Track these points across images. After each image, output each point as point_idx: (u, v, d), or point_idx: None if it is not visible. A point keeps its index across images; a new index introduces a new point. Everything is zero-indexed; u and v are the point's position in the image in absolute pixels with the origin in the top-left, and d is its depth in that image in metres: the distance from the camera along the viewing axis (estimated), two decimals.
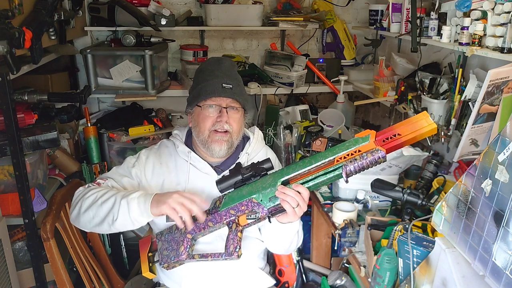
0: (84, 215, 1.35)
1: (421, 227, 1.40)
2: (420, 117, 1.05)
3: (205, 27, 2.69)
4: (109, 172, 1.54)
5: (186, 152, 1.53)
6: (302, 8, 2.82)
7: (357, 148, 1.08)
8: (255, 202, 1.20)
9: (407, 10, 2.14)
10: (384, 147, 1.06)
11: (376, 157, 1.05)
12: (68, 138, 2.34)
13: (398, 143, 1.06)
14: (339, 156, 1.09)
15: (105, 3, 2.46)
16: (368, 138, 1.07)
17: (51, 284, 1.85)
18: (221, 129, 1.46)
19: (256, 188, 1.21)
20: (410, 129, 1.05)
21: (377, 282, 1.32)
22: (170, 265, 1.30)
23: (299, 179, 1.17)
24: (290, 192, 1.15)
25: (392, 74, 2.37)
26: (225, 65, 1.55)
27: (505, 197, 0.91)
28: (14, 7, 1.58)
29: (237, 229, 1.24)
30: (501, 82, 1.48)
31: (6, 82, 1.51)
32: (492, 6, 1.56)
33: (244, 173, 1.26)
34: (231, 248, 1.23)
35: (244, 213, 1.22)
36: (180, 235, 1.30)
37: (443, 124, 1.89)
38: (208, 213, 1.28)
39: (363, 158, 1.06)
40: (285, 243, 1.48)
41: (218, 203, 1.29)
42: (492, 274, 0.95)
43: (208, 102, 1.46)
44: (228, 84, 1.45)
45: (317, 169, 1.13)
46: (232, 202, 1.24)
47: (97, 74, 2.38)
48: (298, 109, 2.70)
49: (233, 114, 1.48)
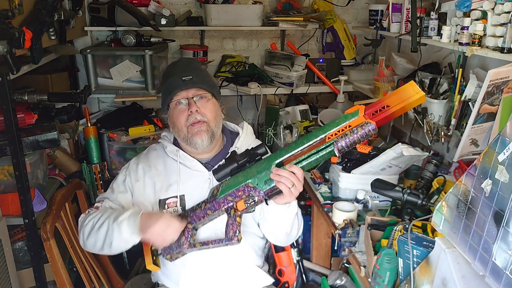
0: (88, 241, 1.40)
1: (421, 227, 1.39)
2: (407, 87, 1.06)
3: (205, 27, 2.69)
4: (106, 192, 1.57)
5: (175, 151, 1.54)
6: (302, 8, 2.82)
7: (347, 124, 1.10)
8: (251, 187, 1.23)
9: (407, 10, 2.14)
10: (374, 120, 1.07)
11: (367, 130, 1.07)
12: (68, 138, 2.34)
13: (388, 115, 1.07)
14: (330, 133, 1.12)
15: (105, 3, 2.46)
16: (358, 113, 1.09)
17: (51, 284, 1.85)
18: (195, 120, 1.46)
19: (252, 173, 1.24)
20: (398, 99, 1.06)
21: (377, 282, 1.32)
22: (173, 256, 1.32)
23: (292, 160, 1.19)
24: (284, 173, 1.18)
25: (392, 74, 2.36)
26: (182, 62, 1.60)
27: (505, 197, 0.91)
28: (14, 7, 1.59)
29: (236, 214, 1.26)
30: (501, 82, 1.48)
31: (6, 82, 1.51)
32: (492, 6, 1.56)
33: (239, 160, 1.29)
34: (230, 233, 1.25)
35: (241, 198, 1.25)
36: None
37: (443, 124, 1.89)
38: (206, 202, 1.31)
39: (354, 132, 1.08)
40: (286, 227, 1.45)
41: (215, 191, 1.31)
42: (492, 274, 0.95)
43: (175, 99, 1.49)
44: (187, 76, 1.48)
45: (310, 148, 1.16)
46: (229, 189, 1.27)
47: (97, 74, 2.38)
48: (298, 109, 2.70)
49: (203, 103, 1.49)
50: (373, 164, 1.76)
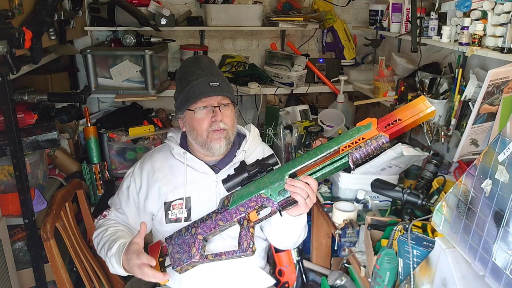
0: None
1: (421, 227, 1.39)
2: (418, 102, 1.10)
3: (205, 27, 2.69)
4: (113, 197, 1.62)
5: (181, 154, 1.52)
6: (302, 8, 2.82)
7: (361, 136, 1.10)
8: (265, 197, 1.20)
9: (407, 10, 2.14)
10: (387, 133, 1.08)
11: (380, 142, 1.08)
12: (68, 138, 2.34)
13: (400, 128, 1.09)
14: (344, 145, 1.12)
15: (105, 3, 2.46)
16: (370, 125, 1.10)
17: (51, 284, 1.85)
18: (218, 128, 1.45)
19: (264, 184, 1.22)
20: (410, 113, 1.09)
21: (377, 282, 1.32)
22: (183, 268, 1.29)
23: (305, 171, 1.18)
24: (300, 184, 1.16)
25: (392, 74, 2.37)
26: (204, 63, 1.53)
27: (505, 197, 0.91)
28: (14, 7, 1.58)
29: (249, 225, 1.24)
30: (501, 82, 1.48)
31: (6, 82, 1.51)
32: (492, 6, 1.56)
33: (250, 170, 1.27)
34: (244, 245, 1.23)
35: (254, 209, 1.23)
36: (190, 237, 1.29)
37: (443, 124, 1.89)
38: (217, 212, 1.28)
39: (368, 145, 1.08)
40: (294, 237, 1.47)
41: (226, 201, 1.28)
42: (492, 274, 0.95)
43: (199, 104, 1.44)
44: (214, 82, 1.44)
45: (323, 159, 1.15)
46: (241, 200, 1.24)
47: (97, 74, 2.38)
48: (298, 109, 2.70)
49: (225, 111, 1.47)
50: (373, 164, 1.76)
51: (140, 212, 1.54)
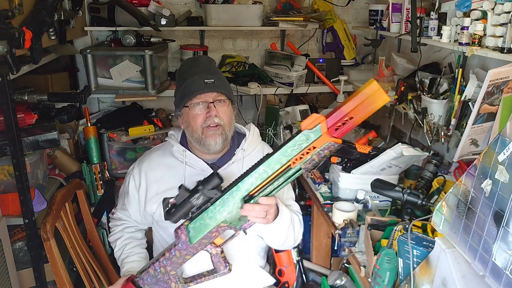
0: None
1: (421, 227, 1.39)
2: (371, 91, 0.95)
3: (205, 27, 2.69)
4: (119, 198, 1.69)
5: (181, 151, 1.54)
6: (302, 8, 2.82)
7: (311, 145, 1.03)
8: (225, 226, 1.19)
9: (407, 10, 2.14)
10: (338, 136, 1.02)
11: (332, 149, 1.03)
12: (68, 138, 2.34)
13: (351, 126, 1.01)
14: (295, 157, 1.06)
15: (105, 3, 2.46)
16: (319, 130, 1.01)
17: (51, 284, 1.85)
18: (212, 123, 1.46)
19: (220, 213, 1.17)
20: (362, 109, 0.97)
21: (377, 282, 1.32)
22: None
23: (259, 189, 1.15)
24: (257, 208, 1.16)
25: (392, 74, 2.37)
26: (202, 61, 1.57)
27: (505, 197, 0.91)
28: (14, 7, 1.58)
29: (217, 250, 1.25)
30: (501, 82, 1.48)
31: (6, 82, 1.51)
32: (492, 6, 1.56)
33: (195, 204, 1.19)
34: (219, 265, 1.26)
35: (218, 236, 1.22)
36: (163, 275, 1.30)
37: (443, 124, 1.89)
38: (179, 249, 1.25)
39: (320, 155, 1.04)
40: (279, 239, 1.49)
41: (183, 236, 1.24)
42: (492, 274, 0.95)
43: (194, 101, 1.47)
44: (209, 79, 1.46)
45: (275, 174, 1.11)
46: (201, 234, 1.21)
47: (97, 74, 2.38)
48: (298, 109, 2.69)
49: (221, 107, 1.49)
50: (373, 164, 1.76)
51: (141, 209, 1.59)
